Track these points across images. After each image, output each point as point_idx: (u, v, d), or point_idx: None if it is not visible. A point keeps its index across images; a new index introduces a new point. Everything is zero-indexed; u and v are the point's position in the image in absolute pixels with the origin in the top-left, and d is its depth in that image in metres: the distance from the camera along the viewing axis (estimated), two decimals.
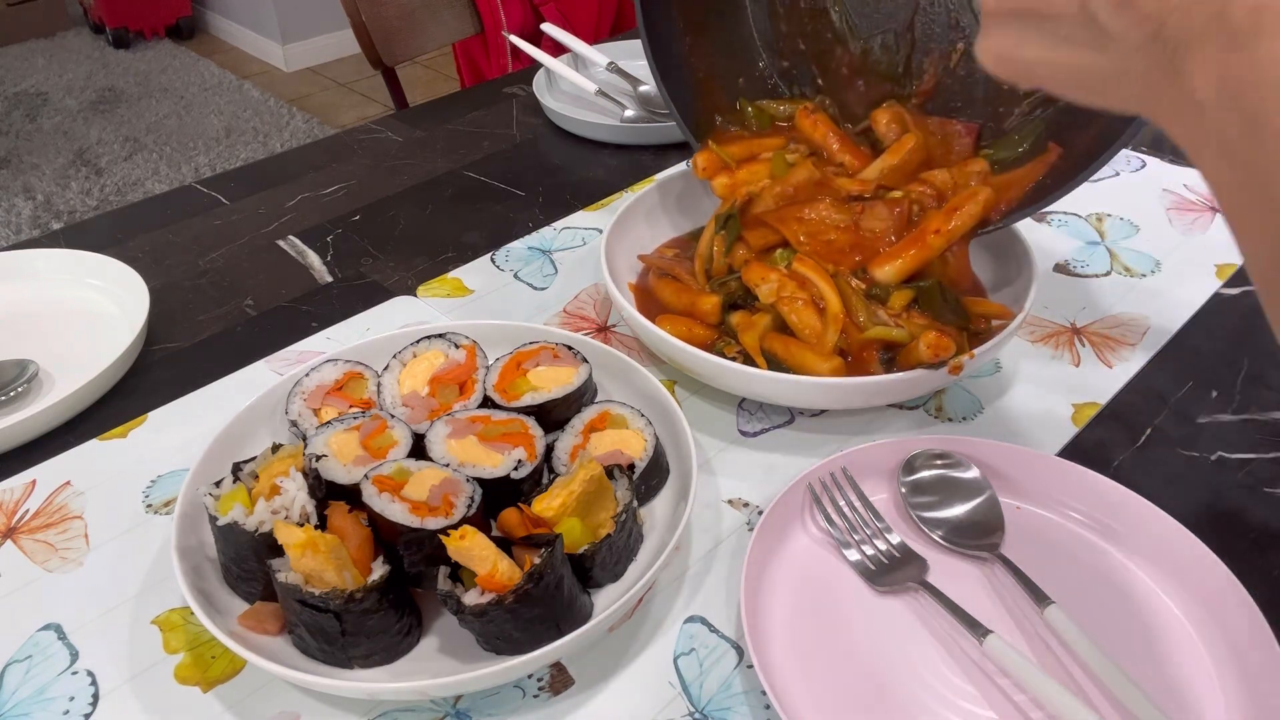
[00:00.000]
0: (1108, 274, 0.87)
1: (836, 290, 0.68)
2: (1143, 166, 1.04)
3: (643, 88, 1.17)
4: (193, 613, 0.51)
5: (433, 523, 0.52)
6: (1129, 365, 0.76)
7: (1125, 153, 1.06)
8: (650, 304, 0.78)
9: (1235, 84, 0.34)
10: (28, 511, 0.64)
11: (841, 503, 0.61)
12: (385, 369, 0.68)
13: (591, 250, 0.91)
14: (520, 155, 1.10)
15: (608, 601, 0.54)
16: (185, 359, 0.79)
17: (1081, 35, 0.40)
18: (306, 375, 0.67)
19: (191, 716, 0.52)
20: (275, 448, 0.58)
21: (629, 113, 1.12)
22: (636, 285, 0.81)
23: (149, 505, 0.65)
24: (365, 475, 0.55)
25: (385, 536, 0.54)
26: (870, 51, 0.85)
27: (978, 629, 0.52)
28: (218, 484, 0.56)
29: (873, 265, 0.70)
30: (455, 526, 0.51)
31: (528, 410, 0.63)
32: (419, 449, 0.60)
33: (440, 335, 0.70)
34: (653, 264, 0.81)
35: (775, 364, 0.68)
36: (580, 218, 0.97)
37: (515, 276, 0.88)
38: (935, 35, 0.82)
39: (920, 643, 0.54)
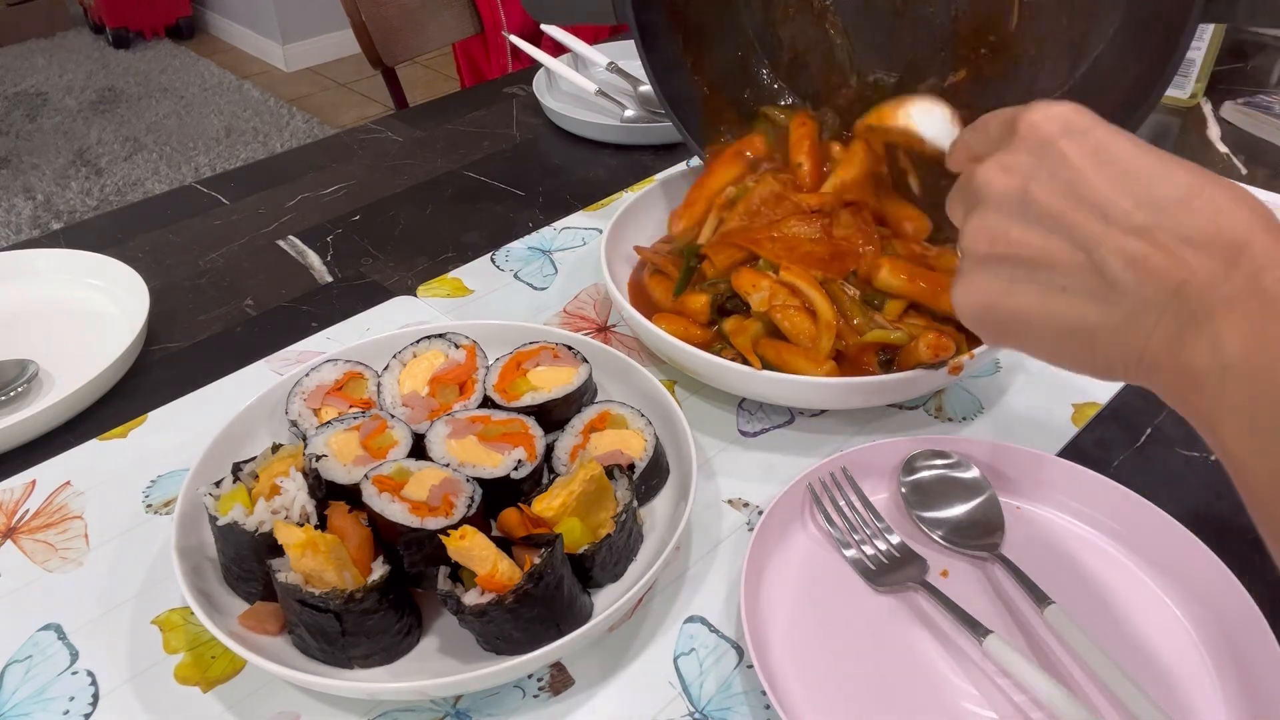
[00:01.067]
0: None
1: (827, 298, 0.68)
2: None
3: (643, 88, 1.17)
4: (193, 613, 0.51)
5: (433, 523, 0.52)
6: None
7: None
8: (643, 300, 0.78)
9: (1275, 358, 0.32)
10: (28, 511, 0.64)
11: (841, 503, 0.61)
12: (385, 369, 0.68)
13: (591, 250, 0.91)
14: (520, 155, 1.10)
15: (608, 601, 0.54)
16: (185, 359, 0.79)
17: (1085, 287, 0.38)
18: (306, 375, 0.67)
19: (191, 716, 0.52)
20: (275, 448, 0.58)
21: (629, 113, 1.12)
22: (631, 281, 0.81)
23: (149, 505, 0.65)
24: (365, 475, 0.55)
25: (385, 536, 0.53)
26: (866, 86, 0.86)
27: (978, 629, 0.52)
28: (218, 484, 0.56)
29: (873, 274, 0.70)
30: (455, 526, 0.51)
31: (528, 410, 0.63)
32: (419, 449, 0.60)
33: (440, 335, 0.70)
34: (648, 258, 0.81)
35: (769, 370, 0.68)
36: (580, 218, 0.97)
37: (515, 276, 0.88)
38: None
39: (920, 643, 0.54)
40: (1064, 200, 0.39)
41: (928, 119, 0.51)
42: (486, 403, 0.65)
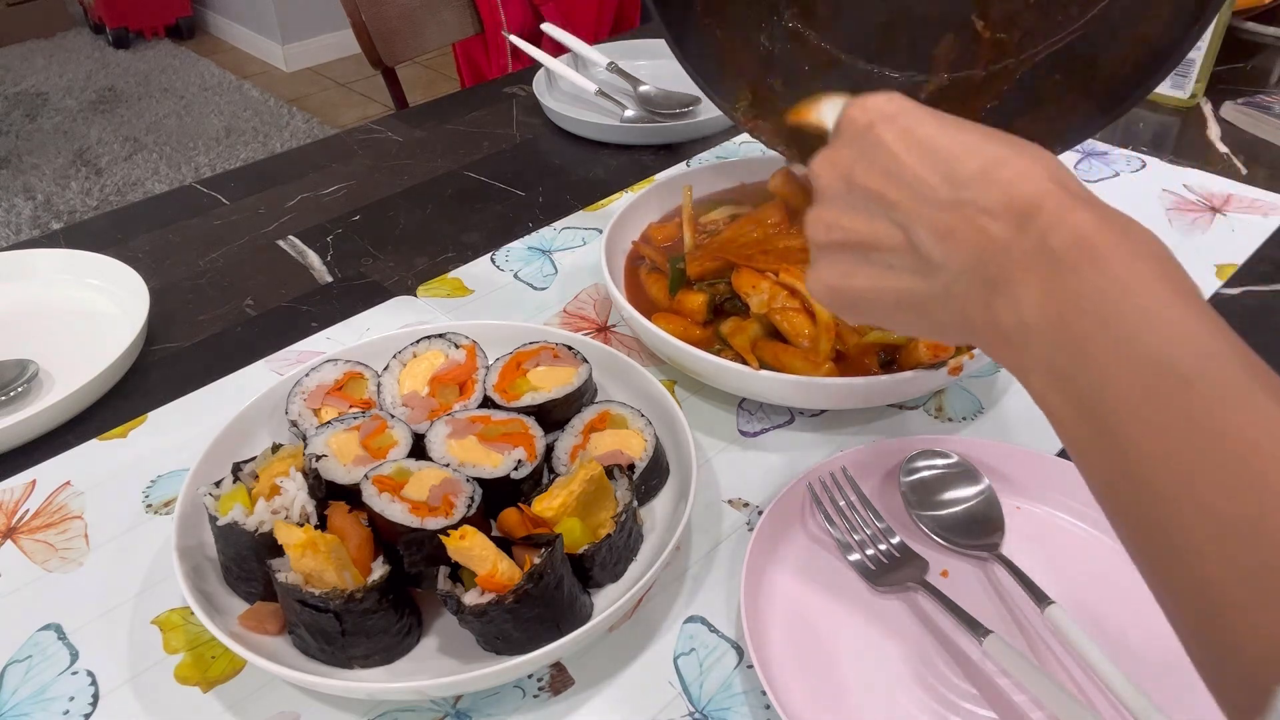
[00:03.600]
0: None
1: None
2: (1142, 167, 1.04)
3: (643, 88, 1.17)
4: (193, 613, 0.51)
5: (433, 523, 0.52)
6: None
7: (1125, 153, 1.06)
8: (642, 300, 0.78)
9: (1061, 310, 0.35)
10: (28, 511, 0.64)
11: (841, 503, 0.61)
12: (385, 369, 0.68)
13: (591, 250, 0.91)
14: (520, 155, 1.10)
15: (608, 601, 0.54)
16: (185, 359, 0.79)
17: (907, 264, 0.42)
18: (306, 375, 0.67)
19: (191, 716, 0.52)
20: (275, 448, 0.58)
21: (629, 113, 1.12)
22: (629, 280, 0.81)
23: (149, 505, 0.65)
24: (365, 475, 0.55)
25: (385, 536, 0.54)
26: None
27: (978, 629, 0.52)
28: (218, 484, 0.56)
29: None
30: (455, 526, 0.51)
31: (528, 410, 0.63)
32: (419, 449, 0.60)
33: (440, 335, 0.70)
34: (645, 253, 0.80)
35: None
36: (580, 218, 0.97)
37: (515, 276, 0.88)
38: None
39: (920, 643, 0.54)
40: (882, 182, 0.42)
41: (834, 111, 0.51)
42: (486, 403, 0.65)
